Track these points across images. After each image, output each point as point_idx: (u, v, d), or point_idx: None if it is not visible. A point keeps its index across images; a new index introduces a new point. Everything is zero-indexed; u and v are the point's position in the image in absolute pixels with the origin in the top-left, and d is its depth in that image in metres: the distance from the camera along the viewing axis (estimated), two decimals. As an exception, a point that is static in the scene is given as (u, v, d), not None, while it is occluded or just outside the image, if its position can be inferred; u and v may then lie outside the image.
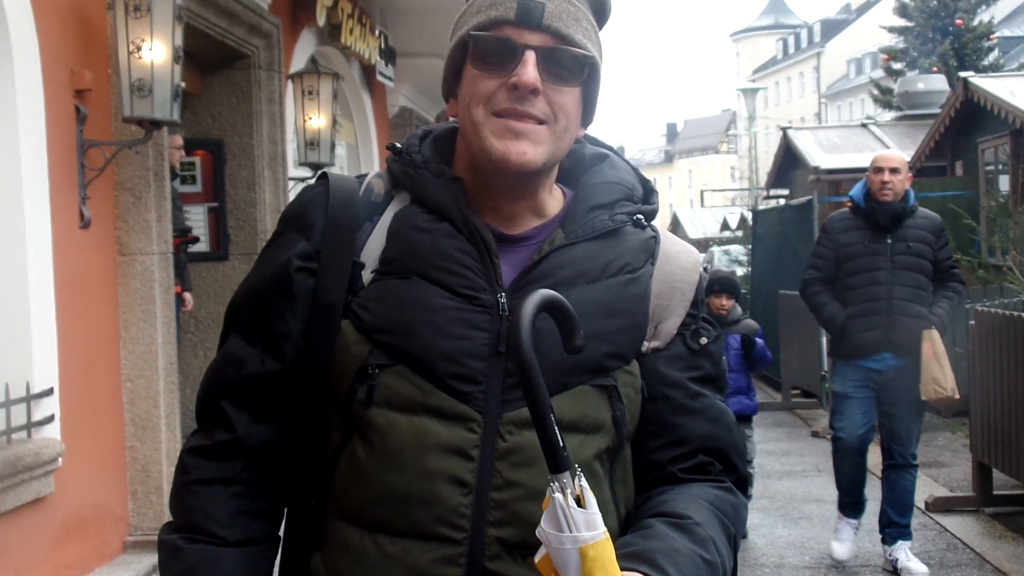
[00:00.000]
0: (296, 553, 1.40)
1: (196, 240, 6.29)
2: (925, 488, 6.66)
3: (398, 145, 1.43)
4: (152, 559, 4.59)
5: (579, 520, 1.08)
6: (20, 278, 4.05)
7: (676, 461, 1.38)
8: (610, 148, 1.49)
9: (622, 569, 1.12)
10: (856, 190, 5.24)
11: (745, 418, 5.92)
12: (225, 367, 1.39)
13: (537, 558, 1.13)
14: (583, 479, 1.12)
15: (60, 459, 4.14)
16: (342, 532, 1.32)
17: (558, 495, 1.09)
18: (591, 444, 1.32)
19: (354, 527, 1.31)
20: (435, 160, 1.40)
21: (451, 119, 1.43)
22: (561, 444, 1.11)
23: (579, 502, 1.10)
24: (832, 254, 5.23)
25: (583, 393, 1.31)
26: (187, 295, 6.27)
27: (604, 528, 1.10)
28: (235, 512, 1.36)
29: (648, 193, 1.46)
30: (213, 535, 1.34)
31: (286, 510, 1.43)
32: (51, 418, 4.16)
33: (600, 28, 1.39)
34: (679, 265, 1.42)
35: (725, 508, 1.36)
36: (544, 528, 1.10)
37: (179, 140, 6.09)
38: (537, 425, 1.12)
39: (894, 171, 5.11)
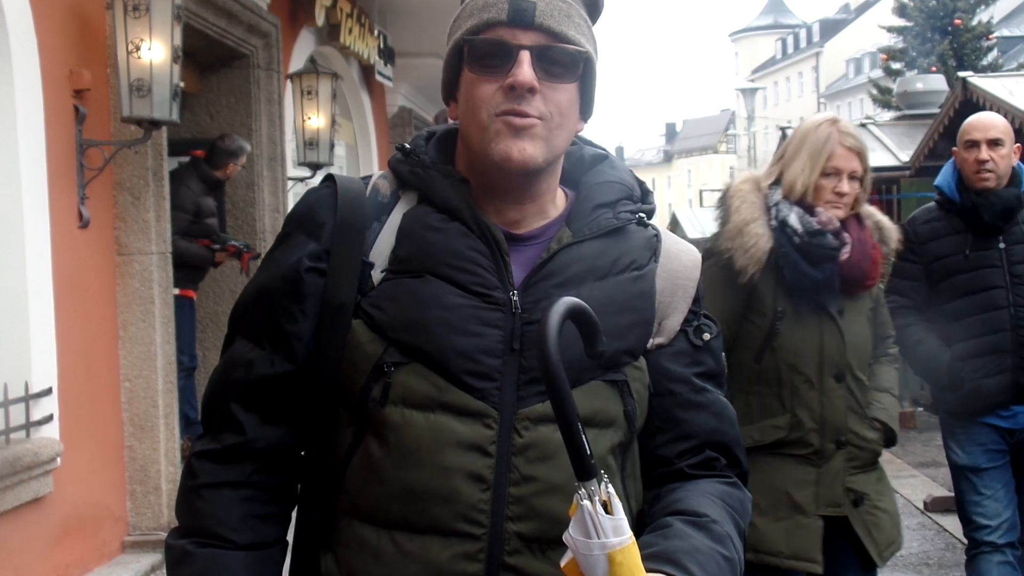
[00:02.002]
0: (305, 555, 1.39)
1: (258, 256, 6.29)
2: (924, 488, 6.68)
3: (407, 146, 1.43)
4: (151, 559, 4.59)
5: (607, 526, 1.10)
6: (19, 278, 4.04)
7: (684, 456, 1.40)
8: (605, 151, 1.51)
9: (647, 570, 1.13)
10: (944, 177, 3.60)
11: None
12: (233, 370, 1.38)
13: (563, 562, 1.15)
14: (610, 486, 1.13)
15: (59, 459, 4.13)
16: (357, 531, 1.32)
17: (586, 502, 1.11)
18: (605, 439, 1.33)
19: (370, 526, 1.31)
20: (441, 161, 1.41)
21: (451, 121, 1.44)
22: (589, 452, 1.12)
23: (606, 508, 1.11)
24: (921, 271, 3.58)
25: (596, 388, 1.33)
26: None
27: (631, 533, 1.12)
28: (245, 515, 1.35)
29: (645, 193, 1.48)
30: (223, 539, 1.34)
31: (295, 512, 1.42)
32: (50, 418, 4.15)
33: (593, 23, 1.40)
34: (681, 263, 1.45)
35: (734, 504, 1.38)
36: (572, 535, 1.12)
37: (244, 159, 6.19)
38: (564, 433, 1.12)
39: (994, 144, 3.45)
